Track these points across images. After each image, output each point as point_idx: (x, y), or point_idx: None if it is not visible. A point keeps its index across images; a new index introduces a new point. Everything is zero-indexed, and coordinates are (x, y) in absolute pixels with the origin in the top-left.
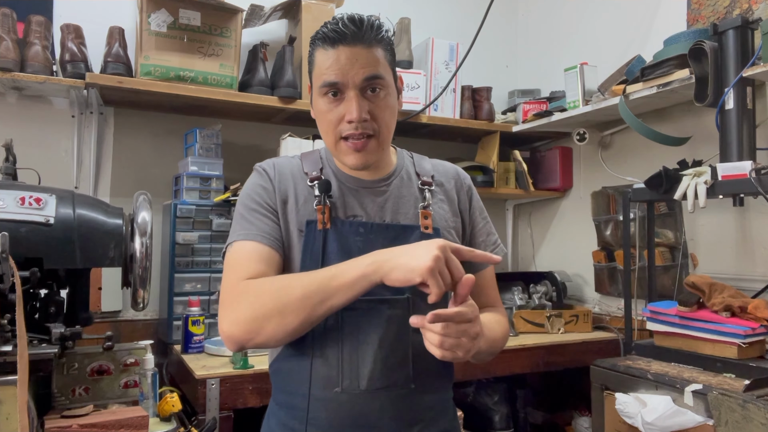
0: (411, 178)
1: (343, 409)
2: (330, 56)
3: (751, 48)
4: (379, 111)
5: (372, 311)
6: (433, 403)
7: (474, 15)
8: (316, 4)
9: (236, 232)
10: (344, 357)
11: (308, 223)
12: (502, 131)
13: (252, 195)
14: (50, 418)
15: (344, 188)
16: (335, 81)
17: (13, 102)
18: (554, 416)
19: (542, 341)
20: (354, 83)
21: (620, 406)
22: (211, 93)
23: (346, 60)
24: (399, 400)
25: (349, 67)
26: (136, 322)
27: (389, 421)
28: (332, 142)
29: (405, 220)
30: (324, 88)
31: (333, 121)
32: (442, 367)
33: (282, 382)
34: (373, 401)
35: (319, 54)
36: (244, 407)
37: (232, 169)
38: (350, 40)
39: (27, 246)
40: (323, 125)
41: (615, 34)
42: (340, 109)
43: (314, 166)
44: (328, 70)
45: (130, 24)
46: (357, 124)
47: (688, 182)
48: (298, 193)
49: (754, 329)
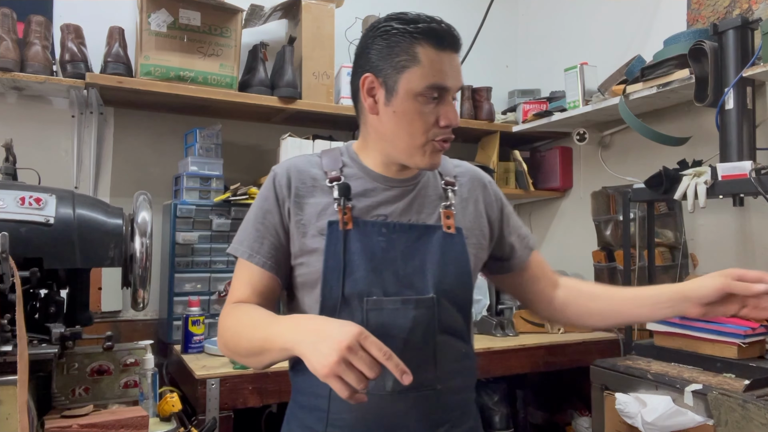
0: (435, 177)
1: (368, 411)
2: (440, 59)
3: (751, 48)
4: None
5: (398, 311)
6: (458, 404)
7: (474, 15)
8: (316, 4)
9: (239, 239)
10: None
11: (330, 224)
12: (502, 131)
13: (256, 202)
14: (50, 418)
15: (370, 186)
16: (447, 86)
17: (13, 102)
18: (554, 416)
19: (542, 341)
20: (454, 90)
21: (620, 406)
22: (211, 93)
23: (451, 67)
24: (425, 401)
25: (454, 74)
26: (136, 322)
27: (415, 422)
28: (418, 144)
29: (428, 219)
30: (430, 90)
31: (427, 123)
32: (465, 367)
33: (303, 384)
34: (398, 402)
35: (426, 52)
36: (244, 407)
37: (232, 169)
38: (454, 46)
39: (27, 246)
40: (411, 127)
41: (615, 34)
42: (436, 112)
43: (334, 165)
44: (440, 73)
45: (130, 24)
46: (450, 129)
47: (688, 182)
48: (317, 196)
49: (754, 329)
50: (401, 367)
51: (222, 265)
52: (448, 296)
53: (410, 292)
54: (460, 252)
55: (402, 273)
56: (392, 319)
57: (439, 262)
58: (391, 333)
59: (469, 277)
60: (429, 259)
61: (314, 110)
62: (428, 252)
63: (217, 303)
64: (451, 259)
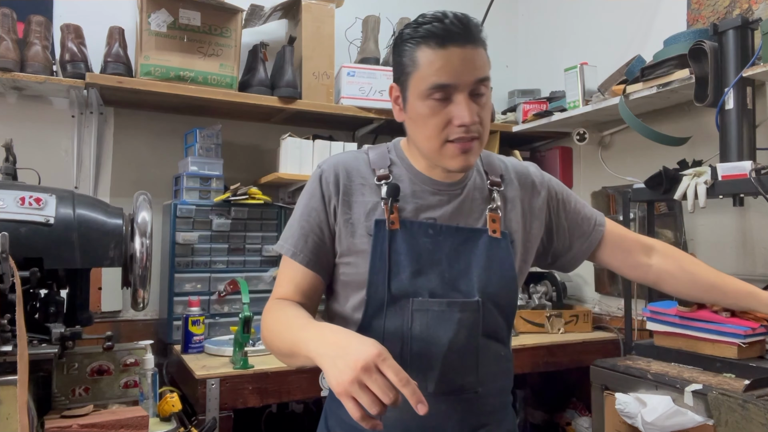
0: (482, 177)
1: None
2: (440, 57)
3: (751, 48)
4: (485, 113)
5: (443, 314)
6: (496, 407)
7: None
8: (316, 4)
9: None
10: (413, 358)
11: (377, 223)
12: (502, 131)
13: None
14: (50, 418)
15: (418, 189)
16: (448, 83)
17: (13, 102)
18: (554, 416)
19: (542, 341)
20: (465, 86)
21: (620, 406)
22: (211, 93)
23: (459, 62)
24: (465, 404)
25: (462, 68)
26: (136, 322)
27: (454, 424)
28: (436, 147)
29: (475, 223)
30: (431, 91)
31: (439, 125)
32: (504, 370)
33: None
34: (439, 404)
35: (423, 53)
36: (244, 407)
37: (232, 169)
38: (460, 39)
39: (27, 246)
40: (425, 130)
41: (615, 34)
42: (447, 112)
43: (382, 162)
44: (438, 72)
45: (130, 24)
46: (468, 128)
47: (688, 182)
48: (366, 195)
49: (754, 329)
50: (418, 396)
51: (222, 265)
52: (493, 300)
53: (456, 294)
54: (506, 256)
55: (447, 275)
56: (437, 321)
57: (485, 266)
58: (435, 335)
59: (514, 282)
60: (474, 262)
61: (314, 110)
62: (474, 255)
63: (217, 303)
64: (496, 263)
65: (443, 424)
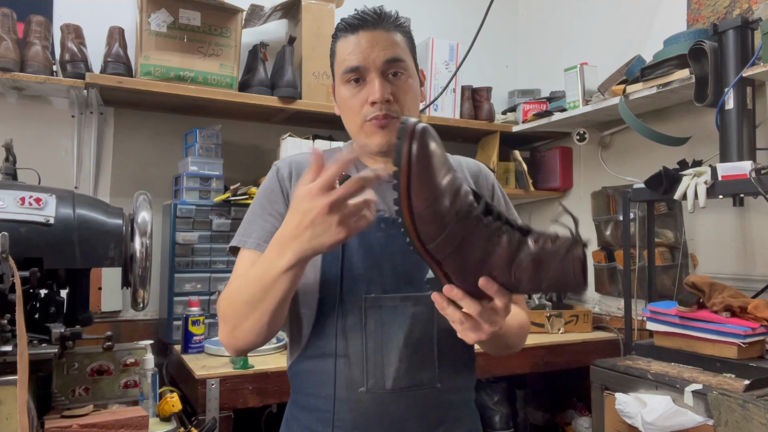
0: None
1: (368, 410)
2: (351, 42)
3: (751, 48)
4: (402, 94)
5: (396, 309)
6: (457, 403)
7: (474, 15)
8: (316, 4)
9: (241, 231)
10: (368, 356)
11: None
12: (502, 131)
13: (260, 196)
14: (50, 418)
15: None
16: (357, 65)
17: (13, 102)
18: (554, 416)
19: (542, 341)
20: (375, 66)
21: (620, 406)
22: (211, 93)
23: (367, 43)
24: (424, 399)
25: (370, 50)
26: (136, 322)
27: (415, 421)
28: (357, 128)
29: None
30: (346, 75)
31: (356, 106)
32: (466, 366)
33: (303, 384)
34: (398, 401)
35: (340, 43)
36: (244, 407)
37: (232, 169)
38: (371, 25)
39: (27, 246)
40: (347, 114)
41: (615, 34)
42: (363, 93)
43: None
44: (349, 56)
45: (130, 24)
46: (381, 105)
47: (688, 182)
48: None
49: (754, 329)
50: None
51: (222, 265)
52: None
53: (409, 288)
54: None
55: (401, 269)
56: (391, 317)
57: None
58: (390, 331)
59: None
60: None
61: (314, 110)
62: None
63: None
64: None
65: (404, 421)
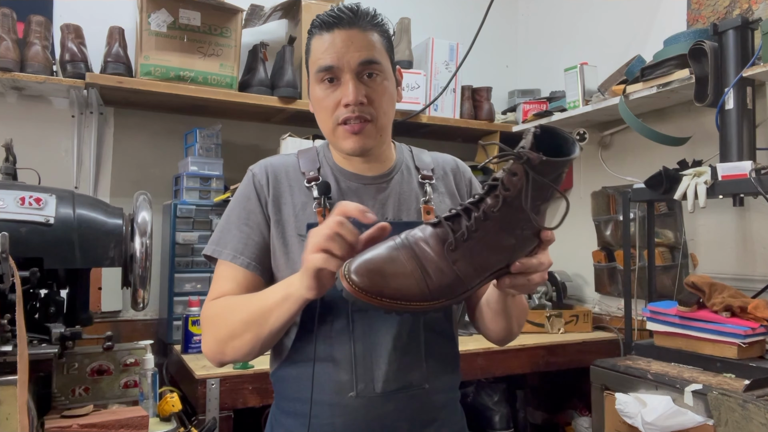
0: (411, 172)
1: (358, 414)
2: (325, 40)
3: (751, 48)
4: (377, 96)
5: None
6: (445, 403)
7: (474, 15)
8: (316, 4)
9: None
10: (357, 360)
11: (309, 227)
12: (502, 131)
13: (236, 203)
14: (50, 418)
15: (344, 186)
16: (330, 65)
17: (13, 102)
18: (554, 416)
19: (542, 341)
20: (350, 67)
21: (620, 406)
22: (211, 93)
23: (342, 43)
24: (413, 400)
25: (345, 50)
26: (136, 322)
27: (404, 422)
28: (330, 130)
29: (407, 216)
30: (320, 74)
31: (329, 107)
32: (451, 366)
33: (288, 390)
34: (387, 404)
35: (314, 41)
36: (244, 407)
37: (232, 169)
38: (346, 23)
39: (27, 246)
40: (320, 114)
41: (615, 34)
42: (336, 94)
43: (312, 165)
44: (323, 55)
45: (130, 24)
46: (354, 107)
47: (688, 182)
48: (295, 196)
49: (754, 329)
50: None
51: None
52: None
53: None
54: None
55: None
56: (379, 320)
57: None
58: (377, 334)
59: None
60: None
61: None
62: None
63: None
64: None
65: (393, 423)
